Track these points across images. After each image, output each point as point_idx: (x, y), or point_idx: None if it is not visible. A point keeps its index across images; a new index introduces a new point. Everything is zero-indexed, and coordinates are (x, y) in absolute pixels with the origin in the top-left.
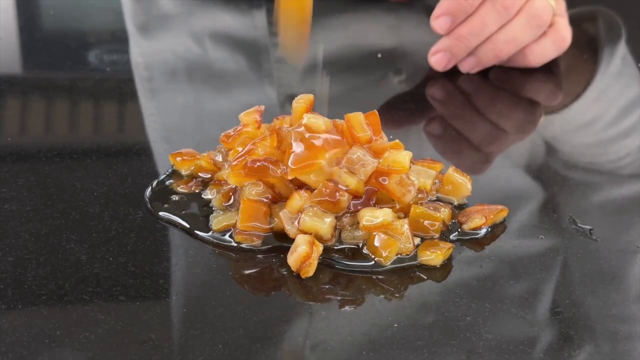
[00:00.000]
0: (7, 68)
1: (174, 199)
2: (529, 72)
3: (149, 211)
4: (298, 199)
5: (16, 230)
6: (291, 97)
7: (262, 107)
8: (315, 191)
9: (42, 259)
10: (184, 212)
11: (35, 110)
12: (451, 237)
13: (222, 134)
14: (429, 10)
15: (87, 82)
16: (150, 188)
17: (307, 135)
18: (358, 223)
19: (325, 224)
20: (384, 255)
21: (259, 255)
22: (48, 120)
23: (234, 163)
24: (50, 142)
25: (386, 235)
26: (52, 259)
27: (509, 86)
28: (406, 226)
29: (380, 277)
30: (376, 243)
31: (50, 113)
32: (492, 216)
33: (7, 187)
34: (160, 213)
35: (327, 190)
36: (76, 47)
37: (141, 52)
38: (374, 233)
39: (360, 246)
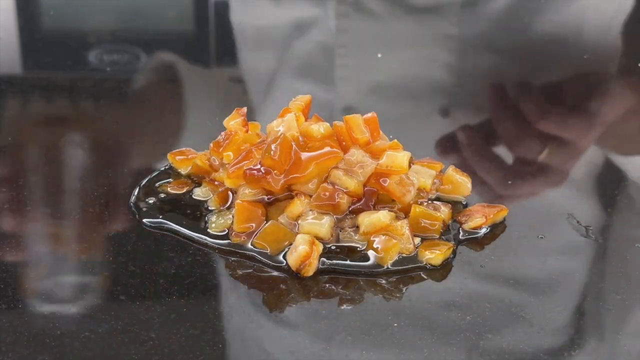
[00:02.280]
0: (7, 68)
1: (153, 201)
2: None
3: (136, 216)
4: (299, 205)
5: (16, 230)
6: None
7: (245, 109)
8: (315, 195)
9: (42, 259)
10: (179, 213)
11: (35, 110)
12: (451, 236)
13: (212, 142)
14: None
15: (87, 82)
16: (137, 189)
17: (302, 142)
18: (357, 227)
19: (323, 226)
20: (384, 256)
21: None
22: (48, 121)
23: (231, 170)
24: (50, 142)
25: (387, 236)
26: (52, 259)
27: None
28: (406, 227)
29: (380, 276)
30: (377, 245)
31: (50, 113)
32: (492, 216)
33: (7, 187)
34: (159, 215)
35: (327, 194)
36: (76, 47)
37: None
38: (374, 237)
39: (361, 247)
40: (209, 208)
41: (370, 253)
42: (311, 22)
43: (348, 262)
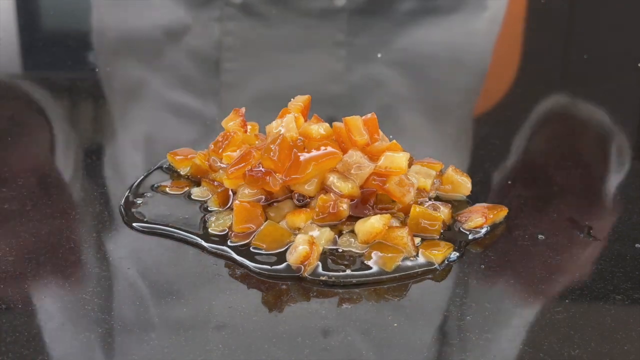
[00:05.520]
0: (7, 68)
1: (144, 202)
2: None
3: (124, 219)
4: (304, 218)
5: (16, 230)
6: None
7: (243, 110)
8: (317, 210)
9: (42, 259)
10: (178, 213)
11: (35, 110)
12: (451, 236)
13: (211, 143)
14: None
15: (87, 82)
16: (130, 190)
17: (300, 143)
18: (356, 234)
19: (321, 239)
20: (387, 264)
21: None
22: (48, 120)
23: (230, 171)
24: (50, 142)
25: (387, 246)
26: (52, 259)
27: None
28: (407, 236)
29: (385, 284)
30: (379, 255)
31: (50, 113)
32: (492, 216)
33: (7, 187)
34: (152, 217)
35: (329, 204)
36: (76, 47)
37: None
38: (375, 246)
39: (360, 254)
40: (209, 208)
41: (372, 261)
42: (184, 29)
43: (353, 273)
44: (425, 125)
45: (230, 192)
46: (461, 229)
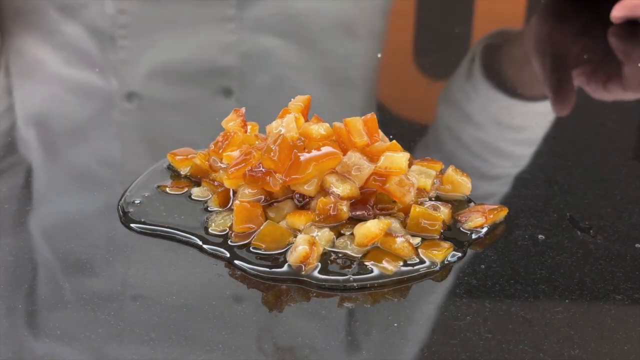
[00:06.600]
0: None
1: (143, 202)
2: None
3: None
4: (304, 220)
5: (16, 230)
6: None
7: (243, 110)
8: (317, 212)
9: (42, 259)
10: (178, 213)
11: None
12: (451, 236)
13: (211, 143)
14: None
15: None
16: (129, 190)
17: (300, 143)
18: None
19: (321, 240)
20: (388, 268)
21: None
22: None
23: (230, 171)
24: (50, 141)
25: (387, 253)
26: (52, 259)
27: None
28: (407, 246)
29: (387, 286)
30: (381, 264)
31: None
32: (492, 216)
33: (7, 187)
34: (153, 217)
35: (330, 207)
36: None
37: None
38: (375, 252)
39: (356, 257)
40: (209, 209)
41: (372, 263)
42: (81, 5)
43: (357, 276)
44: (321, 94)
45: (231, 192)
46: (461, 229)
